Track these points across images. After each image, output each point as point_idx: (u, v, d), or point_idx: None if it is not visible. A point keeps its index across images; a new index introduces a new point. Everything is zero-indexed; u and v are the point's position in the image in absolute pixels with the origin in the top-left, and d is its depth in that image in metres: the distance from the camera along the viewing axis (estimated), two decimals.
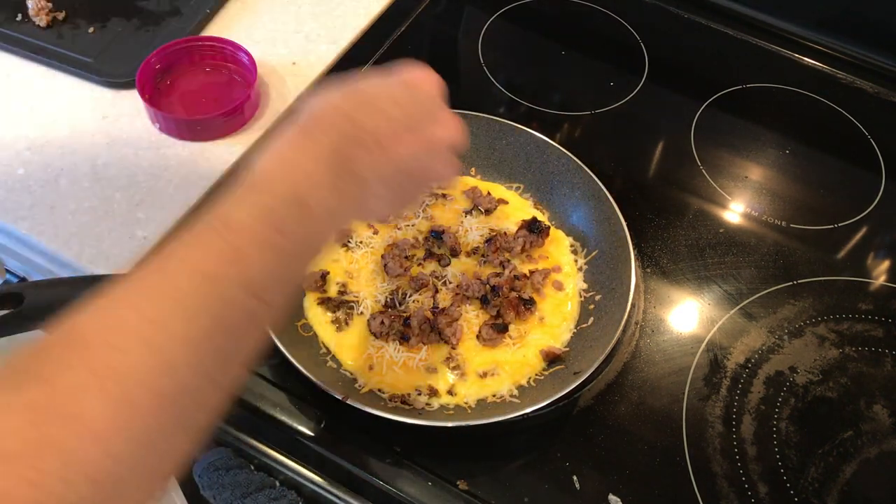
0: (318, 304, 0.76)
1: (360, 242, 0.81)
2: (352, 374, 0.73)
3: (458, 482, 0.68)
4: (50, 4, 0.97)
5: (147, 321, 0.40)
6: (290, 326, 0.74)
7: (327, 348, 0.74)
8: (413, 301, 0.77)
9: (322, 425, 0.70)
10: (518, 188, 0.87)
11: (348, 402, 0.67)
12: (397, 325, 0.74)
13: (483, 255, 0.81)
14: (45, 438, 0.34)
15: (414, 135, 0.54)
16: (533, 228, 0.80)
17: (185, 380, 0.40)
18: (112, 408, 0.37)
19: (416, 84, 0.57)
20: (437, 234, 0.81)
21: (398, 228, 0.82)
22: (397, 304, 0.77)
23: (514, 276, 0.78)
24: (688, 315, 0.81)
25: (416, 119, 0.55)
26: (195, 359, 0.41)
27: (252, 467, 0.79)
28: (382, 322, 0.74)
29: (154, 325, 0.40)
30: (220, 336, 0.42)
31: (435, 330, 0.75)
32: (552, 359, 0.74)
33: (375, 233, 0.82)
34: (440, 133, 0.56)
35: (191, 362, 0.40)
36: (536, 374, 0.74)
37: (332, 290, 0.78)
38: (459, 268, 0.80)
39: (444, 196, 0.84)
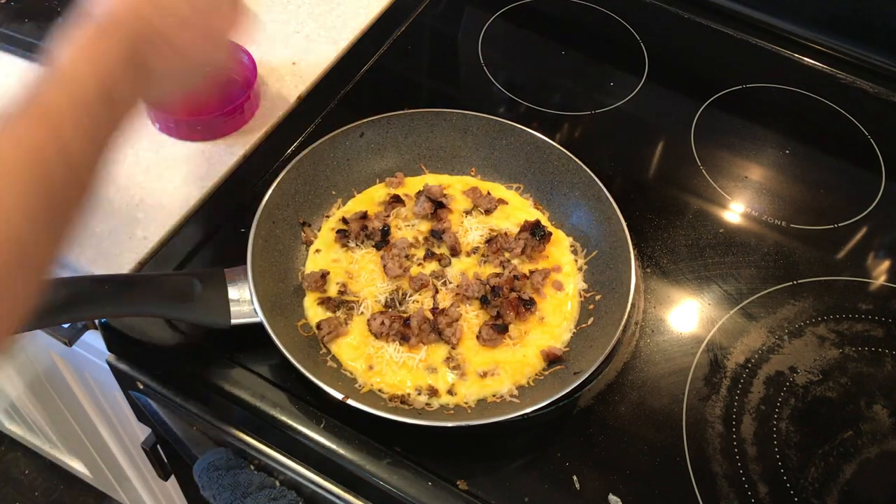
0: (318, 304, 0.76)
1: (361, 243, 0.81)
2: (352, 374, 0.73)
3: (458, 482, 0.68)
4: None
5: None
6: (290, 326, 0.74)
7: (327, 348, 0.74)
8: (413, 301, 0.77)
9: (322, 425, 0.71)
10: (518, 188, 0.87)
11: (348, 402, 0.67)
12: (397, 325, 0.74)
13: (483, 255, 0.81)
14: None
15: (197, 29, 0.62)
16: (535, 232, 0.80)
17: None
18: None
19: None
20: (437, 234, 0.81)
21: (399, 228, 0.83)
22: (397, 304, 0.77)
23: (514, 276, 0.78)
24: (688, 315, 0.81)
25: (202, 13, 0.63)
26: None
27: (252, 467, 0.79)
28: (382, 322, 0.74)
29: None
30: (49, 208, 0.51)
31: (435, 330, 0.75)
32: (552, 359, 0.74)
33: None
34: (219, 24, 0.65)
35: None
36: (536, 374, 0.74)
37: (332, 290, 0.78)
38: (459, 268, 0.80)
39: (443, 197, 0.84)
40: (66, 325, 0.88)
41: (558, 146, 0.84)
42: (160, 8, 0.60)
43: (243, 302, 0.71)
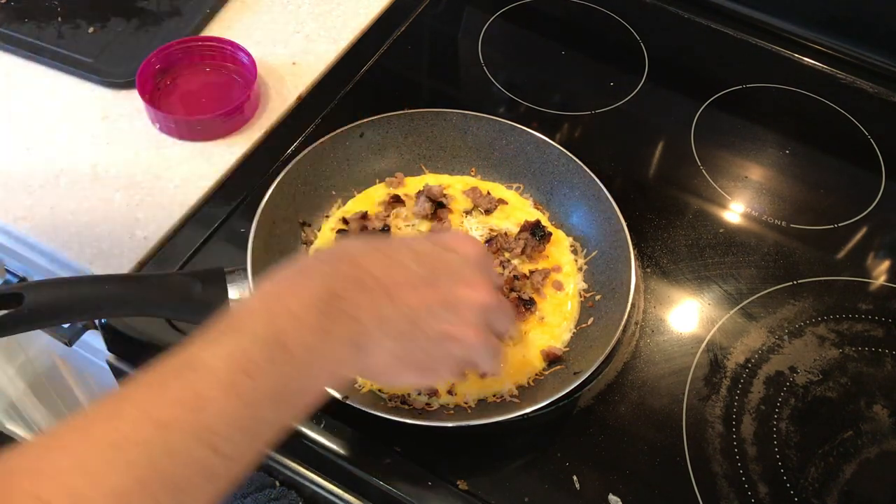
0: None
1: None
2: None
3: (458, 482, 0.68)
4: None
5: (79, 470, 0.37)
6: None
7: None
8: None
9: (322, 425, 0.70)
10: (518, 188, 0.87)
11: (348, 402, 0.66)
12: None
13: None
14: None
15: (431, 288, 0.49)
16: (535, 232, 0.80)
17: None
18: None
19: (450, 246, 0.53)
20: None
21: (399, 228, 0.83)
22: None
23: (514, 276, 0.78)
24: (688, 315, 0.81)
25: (438, 276, 0.50)
26: None
27: None
28: None
29: (86, 475, 0.37)
30: (161, 492, 0.38)
31: None
32: (552, 359, 0.74)
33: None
34: (464, 292, 0.50)
35: None
36: (536, 374, 0.74)
37: None
38: None
39: (443, 196, 0.84)
40: (66, 325, 0.88)
41: (558, 146, 0.84)
42: (380, 253, 0.48)
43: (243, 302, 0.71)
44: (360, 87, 0.98)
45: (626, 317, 0.72)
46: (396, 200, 0.83)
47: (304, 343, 0.44)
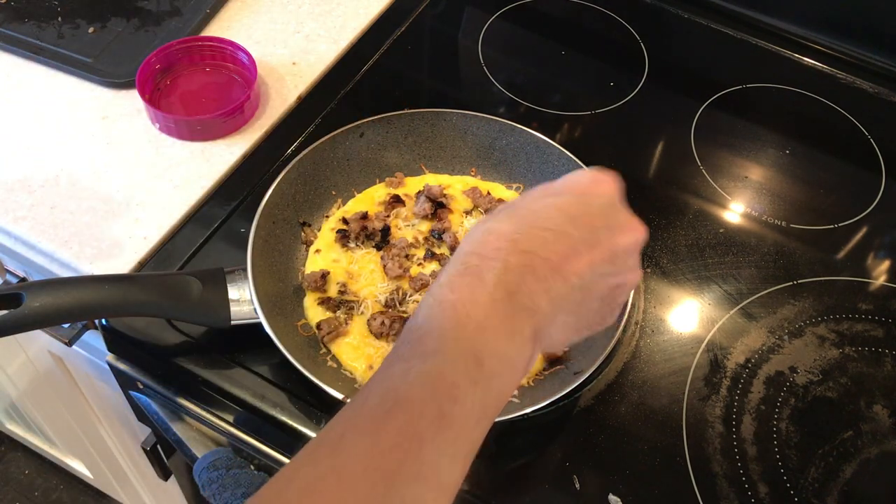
0: (318, 304, 0.76)
1: (361, 243, 0.81)
2: (352, 374, 0.73)
3: None
4: None
5: None
6: (290, 326, 0.74)
7: (327, 348, 0.74)
8: (413, 301, 0.77)
9: (322, 425, 0.70)
10: (518, 188, 0.87)
11: (348, 402, 0.66)
12: (397, 325, 0.74)
13: None
14: None
15: (594, 249, 0.49)
16: None
17: None
18: None
19: (588, 191, 0.52)
20: (437, 234, 0.82)
21: (399, 228, 0.83)
22: (397, 304, 0.77)
23: None
24: (688, 315, 0.81)
25: (596, 232, 0.50)
26: None
27: (252, 467, 0.79)
28: (382, 322, 0.74)
29: None
30: None
31: None
32: (552, 359, 0.74)
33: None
34: (622, 240, 0.51)
35: None
36: (536, 374, 0.74)
37: (332, 290, 0.78)
38: None
39: (444, 197, 0.84)
40: (66, 325, 0.88)
41: (558, 146, 0.84)
42: (532, 225, 0.48)
43: (243, 302, 0.71)
44: (360, 87, 0.98)
45: (626, 317, 0.72)
46: (396, 200, 0.83)
47: (495, 353, 0.45)
